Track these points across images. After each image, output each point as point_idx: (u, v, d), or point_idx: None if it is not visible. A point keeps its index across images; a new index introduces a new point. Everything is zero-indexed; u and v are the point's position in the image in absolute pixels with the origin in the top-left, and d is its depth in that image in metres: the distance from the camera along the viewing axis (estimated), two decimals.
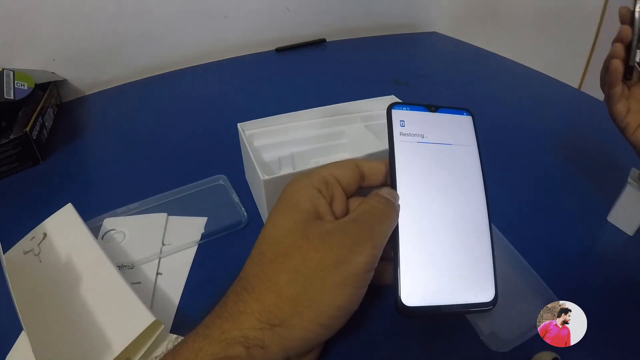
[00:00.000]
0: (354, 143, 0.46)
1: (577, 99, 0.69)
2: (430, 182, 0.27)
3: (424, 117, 0.29)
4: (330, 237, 0.24)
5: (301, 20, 0.89)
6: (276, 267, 0.23)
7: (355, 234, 0.24)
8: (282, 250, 0.24)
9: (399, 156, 0.27)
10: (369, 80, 0.76)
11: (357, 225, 0.25)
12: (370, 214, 0.25)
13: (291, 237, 0.24)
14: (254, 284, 0.23)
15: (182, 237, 0.39)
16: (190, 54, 0.80)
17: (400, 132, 0.28)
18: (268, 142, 0.44)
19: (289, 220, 0.25)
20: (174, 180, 0.46)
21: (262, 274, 0.24)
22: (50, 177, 0.50)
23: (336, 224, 0.25)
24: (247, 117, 0.43)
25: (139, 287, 0.34)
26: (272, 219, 0.26)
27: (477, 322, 0.30)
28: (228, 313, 0.23)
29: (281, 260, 0.24)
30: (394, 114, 0.29)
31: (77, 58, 0.70)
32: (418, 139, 0.28)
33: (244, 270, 0.25)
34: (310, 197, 0.26)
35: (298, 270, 0.23)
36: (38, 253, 0.34)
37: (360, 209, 0.26)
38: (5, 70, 0.52)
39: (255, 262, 0.25)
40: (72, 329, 0.28)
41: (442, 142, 0.28)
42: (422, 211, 0.26)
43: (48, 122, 0.58)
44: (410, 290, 0.24)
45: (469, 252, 0.26)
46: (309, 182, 0.27)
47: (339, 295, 0.23)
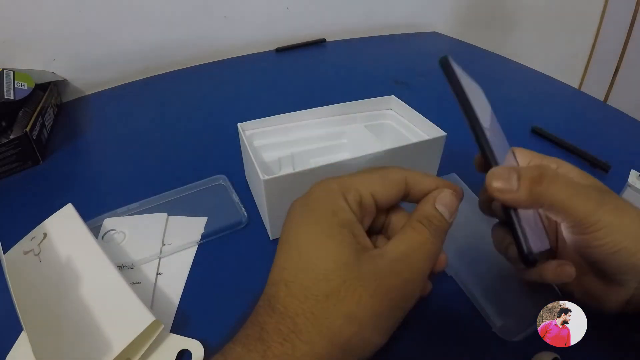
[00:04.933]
0: (354, 143, 0.46)
1: (577, 99, 0.70)
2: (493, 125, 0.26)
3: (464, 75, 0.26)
4: (384, 282, 0.22)
5: (301, 20, 0.89)
6: (328, 310, 0.21)
7: (407, 280, 0.22)
8: (332, 290, 0.21)
9: (472, 101, 0.23)
10: (369, 80, 0.76)
11: (408, 268, 0.23)
12: (421, 250, 0.23)
13: (342, 275, 0.21)
14: (301, 325, 0.21)
15: (182, 237, 0.39)
16: (190, 54, 0.81)
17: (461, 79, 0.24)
18: (268, 142, 0.44)
19: (335, 253, 0.22)
20: (174, 180, 0.46)
21: (312, 315, 0.21)
22: (50, 177, 0.50)
23: (387, 264, 0.22)
24: (247, 117, 0.43)
25: (139, 287, 0.34)
26: (309, 241, 0.23)
27: (489, 314, 0.31)
28: (274, 355, 0.20)
29: (334, 303, 0.21)
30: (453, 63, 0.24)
31: (77, 58, 0.70)
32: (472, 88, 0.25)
33: (281, 302, 0.22)
34: (351, 222, 0.23)
35: (353, 316, 0.21)
36: (38, 253, 0.34)
37: (411, 239, 0.23)
38: (5, 70, 0.52)
39: (300, 299, 0.21)
40: (72, 328, 0.28)
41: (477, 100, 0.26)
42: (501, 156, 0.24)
43: (48, 122, 0.58)
44: (531, 238, 0.23)
45: None
46: (344, 199, 0.24)
47: (386, 337, 0.22)
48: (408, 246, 0.23)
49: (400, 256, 0.23)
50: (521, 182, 0.22)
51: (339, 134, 0.46)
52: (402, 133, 0.46)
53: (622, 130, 0.58)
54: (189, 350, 0.29)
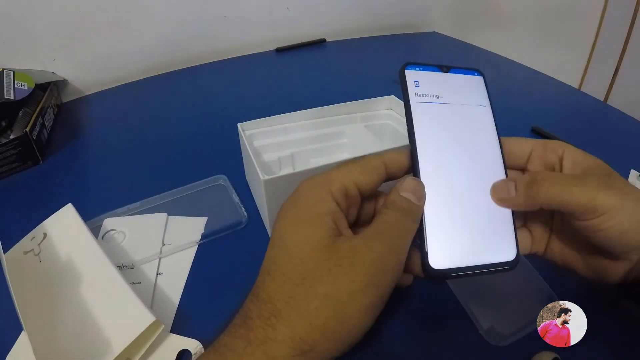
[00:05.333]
0: (354, 143, 0.46)
1: (577, 99, 0.70)
2: (449, 143, 0.26)
3: (437, 77, 0.28)
4: (358, 257, 0.22)
5: (301, 20, 0.89)
6: (305, 292, 0.22)
7: (381, 252, 0.23)
8: (308, 272, 0.22)
9: (417, 117, 0.26)
10: (369, 80, 0.76)
11: (381, 243, 0.23)
12: (393, 227, 0.24)
13: (317, 256, 0.23)
14: (281, 309, 0.22)
15: (182, 237, 0.39)
16: (190, 54, 0.81)
17: (415, 92, 0.27)
18: (268, 142, 0.44)
19: (312, 237, 0.23)
20: (174, 180, 0.46)
21: (290, 299, 0.22)
22: (50, 177, 0.50)
23: (361, 241, 0.23)
24: (247, 117, 0.43)
25: (139, 287, 0.34)
26: (290, 231, 0.24)
27: (477, 317, 0.30)
28: (257, 339, 0.21)
29: (309, 285, 0.22)
30: (408, 74, 0.27)
31: (77, 58, 0.70)
32: (433, 100, 0.27)
33: (264, 289, 0.23)
34: (332, 211, 0.24)
35: (328, 296, 0.22)
36: (38, 253, 0.34)
37: (382, 220, 0.24)
38: (5, 70, 0.52)
39: (278, 283, 0.23)
40: (72, 329, 0.28)
41: (457, 102, 0.28)
42: (444, 174, 0.26)
43: (48, 122, 0.58)
44: (438, 253, 0.24)
45: (490, 213, 0.26)
46: (328, 191, 0.25)
47: (366, 317, 0.22)
48: (380, 225, 0.24)
49: (373, 233, 0.24)
50: (517, 189, 0.25)
51: (339, 134, 0.46)
52: (402, 133, 0.46)
53: (622, 130, 0.58)
54: (189, 350, 0.29)
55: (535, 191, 0.24)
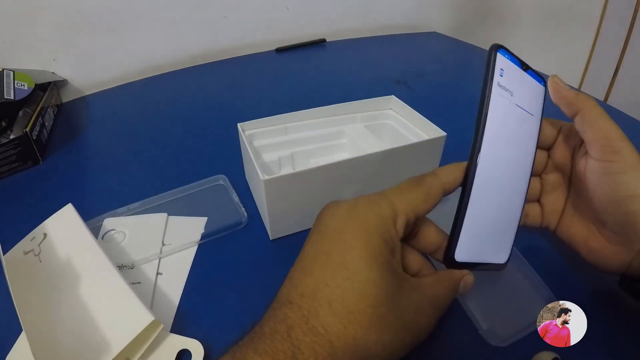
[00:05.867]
0: (354, 143, 0.46)
1: None
2: (505, 145, 0.26)
3: (517, 74, 0.27)
4: (416, 319, 0.23)
5: (301, 20, 0.89)
6: (369, 337, 0.21)
7: (431, 320, 0.24)
8: (378, 317, 0.21)
9: (493, 108, 0.25)
10: (369, 80, 0.76)
11: (435, 310, 0.25)
12: (445, 301, 0.25)
13: (388, 304, 0.22)
14: (338, 349, 0.21)
15: (182, 237, 0.39)
16: (190, 54, 0.81)
17: (498, 82, 0.25)
18: (268, 142, 0.44)
19: (386, 282, 0.22)
20: (174, 180, 0.46)
21: (352, 341, 0.21)
22: (50, 177, 0.50)
23: (423, 301, 0.24)
24: (247, 117, 0.43)
25: (139, 287, 0.34)
26: (361, 266, 0.22)
27: (476, 317, 0.30)
28: None
29: (375, 331, 0.21)
30: (499, 59, 0.25)
31: (77, 58, 0.70)
32: (509, 95, 0.26)
33: (320, 320, 0.21)
34: (398, 248, 0.25)
35: (386, 346, 0.22)
36: (38, 253, 0.34)
37: (438, 290, 0.25)
38: (5, 70, 0.52)
39: (343, 323, 0.21)
40: (71, 328, 0.28)
41: (524, 106, 0.27)
42: (490, 174, 0.26)
43: (48, 122, 0.58)
44: (463, 247, 0.25)
45: (508, 218, 0.28)
46: (394, 226, 0.24)
47: None
48: (439, 293, 0.25)
49: (432, 297, 0.25)
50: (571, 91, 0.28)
51: (339, 134, 0.47)
52: (402, 133, 0.46)
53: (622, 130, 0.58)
54: (189, 350, 0.29)
55: (584, 102, 0.27)
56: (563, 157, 0.31)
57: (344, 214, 0.24)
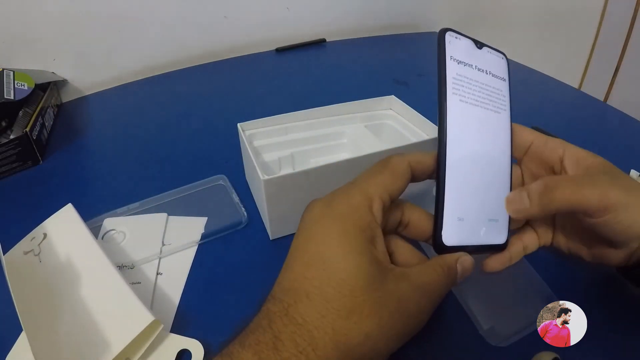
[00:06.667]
0: (354, 143, 0.46)
1: (577, 99, 0.70)
2: (474, 118, 0.26)
3: (472, 50, 0.27)
4: (404, 303, 0.22)
5: (301, 20, 0.89)
6: (349, 327, 0.21)
7: (422, 305, 0.23)
8: (356, 306, 0.21)
9: (450, 84, 0.25)
10: (369, 80, 0.76)
11: (428, 300, 0.24)
12: (441, 288, 0.24)
13: (368, 292, 0.22)
14: (318, 339, 0.21)
15: (182, 237, 0.39)
16: (190, 54, 0.81)
17: (451, 55, 0.25)
18: (268, 142, 0.44)
19: (363, 269, 0.22)
20: (174, 180, 0.46)
21: (331, 330, 0.21)
22: (50, 177, 0.50)
23: (409, 290, 0.23)
24: (247, 117, 0.43)
25: (139, 287, 0.34)
26: (336, 255, 0.22)
27: (477, 317, 0.30)
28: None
29: (355, 320, 0.21)
30: (448, 37, 0.26)
31: (77, 58, 0.70)
32: (467, 70, 0.26)
33: (299, 312, 0.21)
34: (378, 236, 0.24)
35: (370, 336, 0.21)
36: (38, 253, 0.34)
37: (431, 277, 0.24)
38: (5, 70, 0.52)
39: (320, 311, 0.21)
40: (71, 329, 0.28)
41: (485, 79, 0.27)
42: (465, 151, 0.26)
43: (48, 122, 0.58)
44: (450, 230, 0.25)
45: (495, 194, 0.27)
46: (371, 212, 0.24)
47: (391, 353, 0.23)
48: (429, 279, 0.24)
49: (421, 285, 0.23)
50: (531, 199, 0.25)
51: (339, 134, 0.47)
52: (402, 133, 0.46)
53: (622, 130, 0.58)
54: (189, 350, 0.29)
55: (550, 198, 0.24)
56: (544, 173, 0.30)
57: (320, 208, 0.25)
